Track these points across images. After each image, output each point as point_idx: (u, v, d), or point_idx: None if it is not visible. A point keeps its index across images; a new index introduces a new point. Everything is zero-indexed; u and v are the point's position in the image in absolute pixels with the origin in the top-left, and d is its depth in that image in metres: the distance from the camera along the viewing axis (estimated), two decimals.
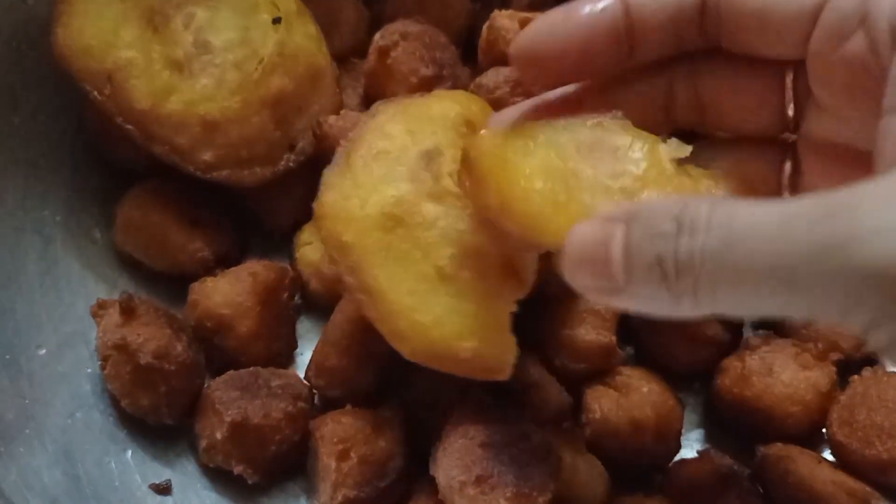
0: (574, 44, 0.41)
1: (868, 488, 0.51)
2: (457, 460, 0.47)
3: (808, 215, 0.28)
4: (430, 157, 0.48)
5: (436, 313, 0.46)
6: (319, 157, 0.58)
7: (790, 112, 0.42)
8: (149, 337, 0.52)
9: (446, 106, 0.51)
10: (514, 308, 0.47)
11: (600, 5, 0.40)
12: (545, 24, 0.42)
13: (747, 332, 0.59)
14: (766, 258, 0.28)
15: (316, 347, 0.55)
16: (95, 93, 0.54)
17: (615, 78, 0.44)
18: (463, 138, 0.49)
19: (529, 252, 0.47)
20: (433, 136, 0.49)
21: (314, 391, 0.56)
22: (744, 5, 0.38)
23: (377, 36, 0.62)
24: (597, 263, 0.33)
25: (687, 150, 0.41)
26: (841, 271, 0.27)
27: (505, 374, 0.47)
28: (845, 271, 0.27)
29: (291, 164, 0.58)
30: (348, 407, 0.53)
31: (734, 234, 0.29)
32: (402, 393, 0.55)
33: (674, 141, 0.41)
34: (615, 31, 0.41)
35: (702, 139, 0.46)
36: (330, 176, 0.49)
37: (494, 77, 0.58)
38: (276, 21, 0.57)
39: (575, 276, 0.34)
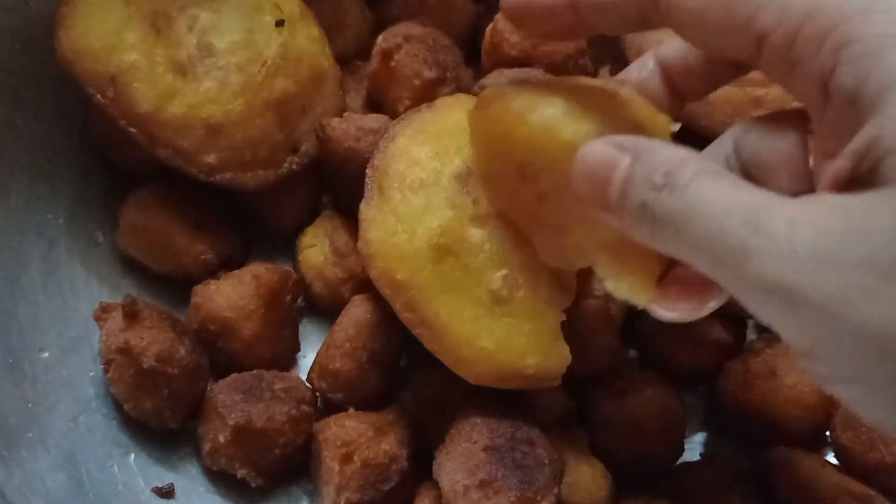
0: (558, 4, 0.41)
1: (871, 491, 0.51)
2: (460, 464, 0.47)
3: (741, 215, 0.31)
4: (462, 179, 0.48)
5: (497, 336, 0.47)
6: (322, 160, 0.58)
7: None
8: (152, 340, 0.51)
9: (458, 117, 0.51)
10: (563, 317, 0.48)
11: None
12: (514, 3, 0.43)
13: (751, 336, 0.59)
14: (708, 241, 0.32)
15: (320, 350, 0.55)
16: (98, 96, 0.54)
17: None
18: None
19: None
20: (459, 153, 0.49)
21: (317, 394, 0.55)
22: (682, 20, 0.38)
23: (380, 38, 0.62)
24: (599, 181, 0.36)
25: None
26: (743, 278, 0.31)
27: (558, 380, 0.49)
28: (746, 278, 0.30)
29: (295, 167, 0.58)
30: (351, 410, 0.53)
31: (690, 219, 0.32)
32: (405, 396, 0.55)
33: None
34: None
35: None
36: (368, 211, 0.49)
37: (498, 79, 0.58)
38: (280, 23, 0.57)
39: (579, 183, 0.38)
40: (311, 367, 0.56)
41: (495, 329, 0.47)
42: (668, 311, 0.40)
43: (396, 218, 0.48)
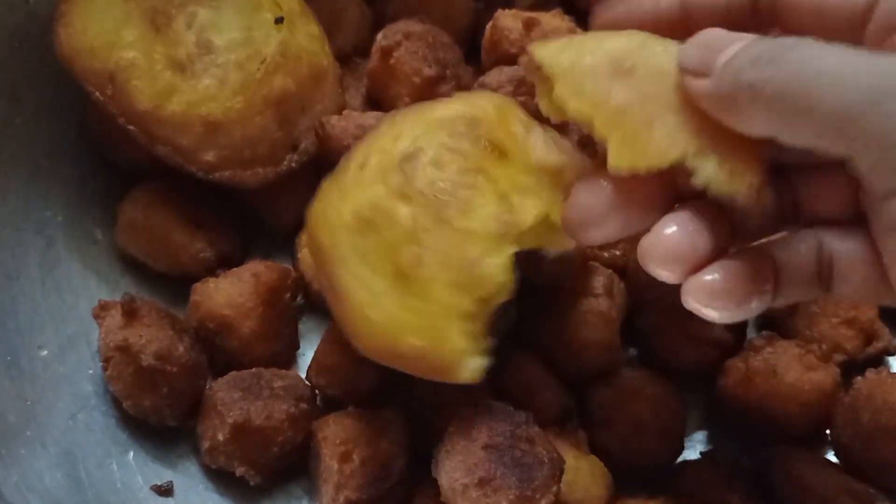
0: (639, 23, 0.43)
1: (872, 490, 0.51)
2: (459, 462, 0.47)
3: (868, 73, 0.32)
4: (406, 158, 0.47)
5: (387, 310, 0.46)
6: (322, 158, 0.58)
7: None
8: (151, 338, 0.51)
9: (452, 108, 0.50)
10: (471, 307, 0.46)
11: None
12: (608, 16, 0.45)
13: (751, 334, 0.59)
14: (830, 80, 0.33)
15: (318, 346, 0.55)
16: (97, 93, 0.54)
17: None
18: (455, 138, 0.48)
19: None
20: (419, 137, 0.48)
21: (315, 390, 0.55)
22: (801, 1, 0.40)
23: (380, 36, 0.62)
24: (712, 48, 0.37)
25: None
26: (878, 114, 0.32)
27: (457, 377, 0.46)
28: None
29: (294, 165, 0.58)
30: (351, 408, 0.53)
31: (821, 58, 0.34)
32: (404, 394, 0.55)
33: None
34: (672, 21, 0.44)
35: None
36: (323, 185, 0.50)
37: (497, 77, 0.58)
38: (279, 21, 0.57)
39: (686, 51, 0.39)
40: (310, 364, 0.56)
41: (388, 303, 0.46)
42: (708, 307, 0.40)
43: (339, 192, 0.48)
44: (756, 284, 0.40)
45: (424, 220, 0.46)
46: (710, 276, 0.40)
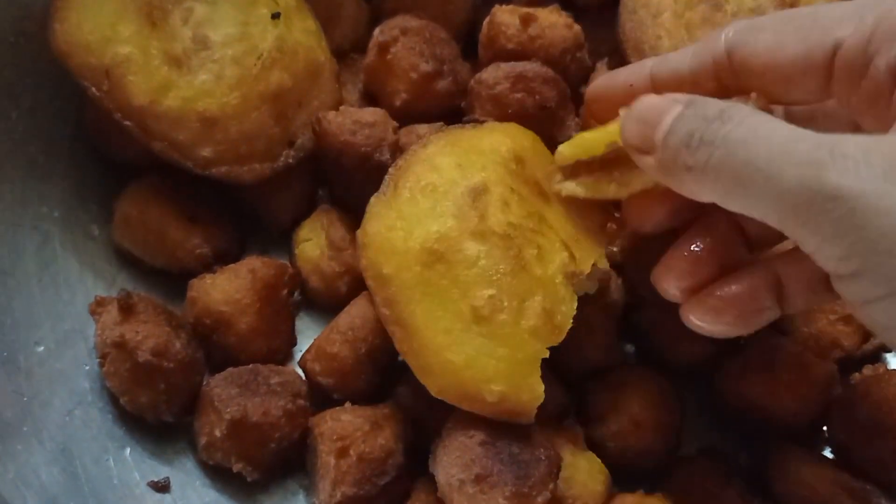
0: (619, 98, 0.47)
1: (868, 486, 0.51)
2: (456, 458, 0.47)
3: (814, 140, 0.34)
4: (477, 194, 0.48)
5: (467, 354, 0.46)
6: (319, 154, 0.58)
7: None
8: (147, 334, 0.51)
9: (497, 140, 0.51)
10: (546, 353, 0.47)
11: (633, 76, 0.49)
12: (595, 87, 0.53)
13: None
14: (760, 172, 0.35)
15: (321, 334, 0.55)
16: (93, 89, 0.54)
17: None
18: (514, 178, 0.50)
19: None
20: (482, 171, 0.49)
21: (306, 375, 0.55)
22: (756, 64, 0.43)
23: (377, 31, 0.62)
24: (648, 123, 0.40)
25: None
26: (809, 189, 0.34)
27: (530, 419, 0.47)
28: (814, 188, 0.34)
29: (291, 161, 0.58)
30: (348, 405, 0.53)
31: (749, 142, 0.36)
32: (401, 391, 0.54)
33: None
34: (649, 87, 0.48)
35: None
36: (376, 204, 0.49)
37: (494, 73, 0.57)
38: (276, 16, 0.57)
39: (626, 126, 0.42)
40: (307, 349, 0.56)
41: (467, 345, 0.46)
42: (710, 324, 0.43)
43: (399, 215, 0.48)
44: (757, 302, 0.41)
45: (501, 264, 0.47)
46: (711, 296, 0.42)
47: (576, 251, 0.50)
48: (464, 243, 0.47)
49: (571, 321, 0.48)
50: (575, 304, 0.48)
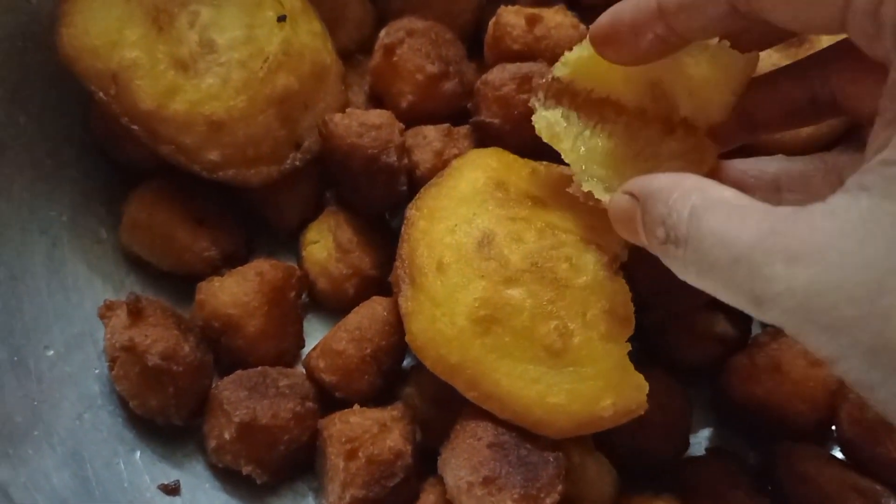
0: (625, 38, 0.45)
1: (878, 486, 0.51)
2: (464, 460, 0.47)
3: (745, 262, 0.33)
4: (484, 245, 0.48)
5: (566, 389, 0.47)
6: (325, 156, 0.58)
7: None
8: (156, 338, 0.52)
9: (470, 178, 0.51)
10: (628, 347, 0.48)
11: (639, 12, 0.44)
12: (600, 21, 0.46)
13: (756, 330, 0.59)
14: (725, 287, 0.34)
15: (330, 332, 0.55)
16: (100, 93, 0.54)
17: None
18: (505, 207, 0.50)
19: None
20: (476, 218, 0.49)
21: (309, 372, 0.55)
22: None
23: (382, 33, 0.62)
24: (629, 225, 0.41)
25: None
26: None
27: (644, 408, 0.48)
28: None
29: (297, 163, 0.58)
30: (356, 407, 0.53)
31: (706, 261, 0.35)
32: (408, 392, 0.55)
33: None
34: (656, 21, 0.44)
35: None
36: (406, 304, 0.49)
37: (500, 74, 0.57)
38: (282, 19, 0.57)
39: (618, 228, 0.43)
40: (314, 347, 0.56)
41: (561, 382, 0.46)
42: None
43: (433, 304, 0.48)
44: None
45: (545, 294, 0.47)
46: None
47: (598, 237, 0.49)
48: (503, 295, 0.47)
49: (632, 304, 0.48)
50: (626, 286, 0.48)
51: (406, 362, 0.57)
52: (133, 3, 0.55)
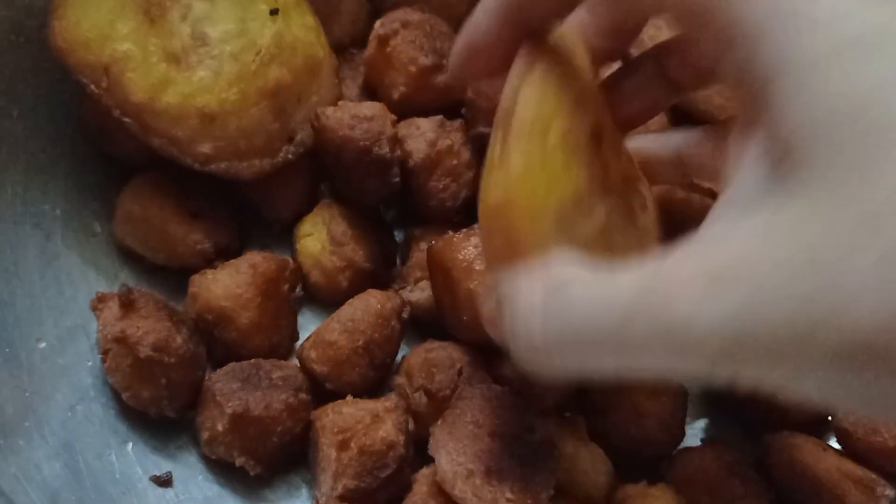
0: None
1: (874, 476, 0.51)
2: (464, 446, 0.47)
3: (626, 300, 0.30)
4: (594, 140, 0.41)
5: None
6: (318, 149, 0.58)
7: None
8: (148, 330, 0.51)
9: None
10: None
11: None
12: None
13: None
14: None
15: (324, 322, 0.55)
16: (92, 86, 0.54)
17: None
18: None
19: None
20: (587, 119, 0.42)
21: (301, 362, 0.55)
22: None
23: (377, 24, 0.61)
24: (498, 328, 0.37)
25: None
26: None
27: None
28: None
29: (290, 156, 0.58)
30: (349, 398, 0.53)
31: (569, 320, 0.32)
32: (399, 381, 0.54)
33: None
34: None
35: None
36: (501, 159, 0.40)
37: (494, 83, 0.57)
38: (274, 12, 0.57)
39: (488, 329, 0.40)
40: (307, 338, 0.56)
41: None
42: None
43: (536, 168, 0.39)
44: None
45: (620, 220, 0.42)
46: None
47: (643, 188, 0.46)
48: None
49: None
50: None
51: (399, 354, 0.57)
52: None
